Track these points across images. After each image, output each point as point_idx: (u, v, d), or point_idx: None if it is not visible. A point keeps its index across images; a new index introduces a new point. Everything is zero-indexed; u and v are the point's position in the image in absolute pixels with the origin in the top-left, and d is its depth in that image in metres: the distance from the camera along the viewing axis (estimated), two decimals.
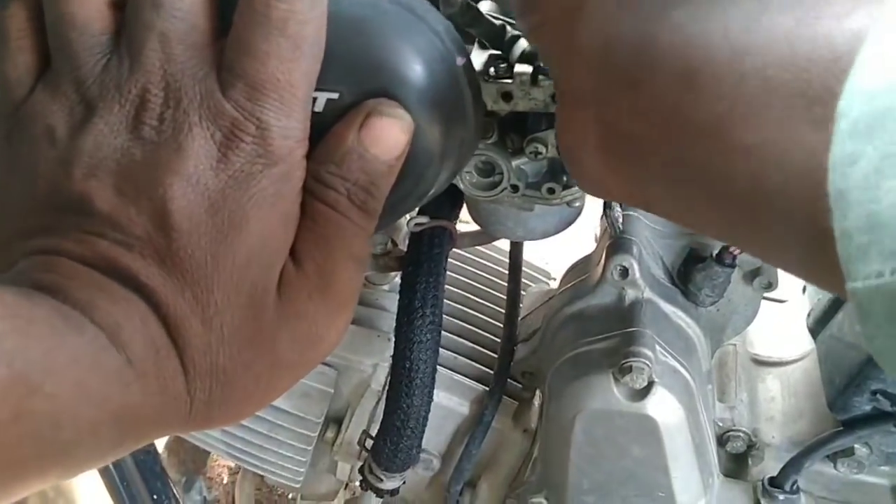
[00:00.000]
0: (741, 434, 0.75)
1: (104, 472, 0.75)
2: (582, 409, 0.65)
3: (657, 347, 0.64)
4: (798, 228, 0.29)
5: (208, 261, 0.31)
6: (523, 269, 0.93)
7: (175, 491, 0.81)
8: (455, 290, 0.86)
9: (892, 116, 0.26)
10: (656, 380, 0.63)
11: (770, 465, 0.75)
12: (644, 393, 0.63)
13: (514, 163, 0.64)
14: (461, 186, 0.66)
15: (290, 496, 1.04)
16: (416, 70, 0.41)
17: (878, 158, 0.26)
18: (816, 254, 0.28)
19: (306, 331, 0.34)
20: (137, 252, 0.31)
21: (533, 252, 0.91)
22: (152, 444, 0.76)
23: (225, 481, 0.98)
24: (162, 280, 0.31)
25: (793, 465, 0.71)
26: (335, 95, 0.38)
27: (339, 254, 0.35)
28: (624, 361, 0.63)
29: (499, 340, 0.81)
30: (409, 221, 0.73)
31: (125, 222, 0.31)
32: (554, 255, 0.85)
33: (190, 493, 0.95)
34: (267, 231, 0.33)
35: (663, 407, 0.63)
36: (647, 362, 0.62)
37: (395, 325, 0.70)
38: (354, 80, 0.39)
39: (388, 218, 0.45)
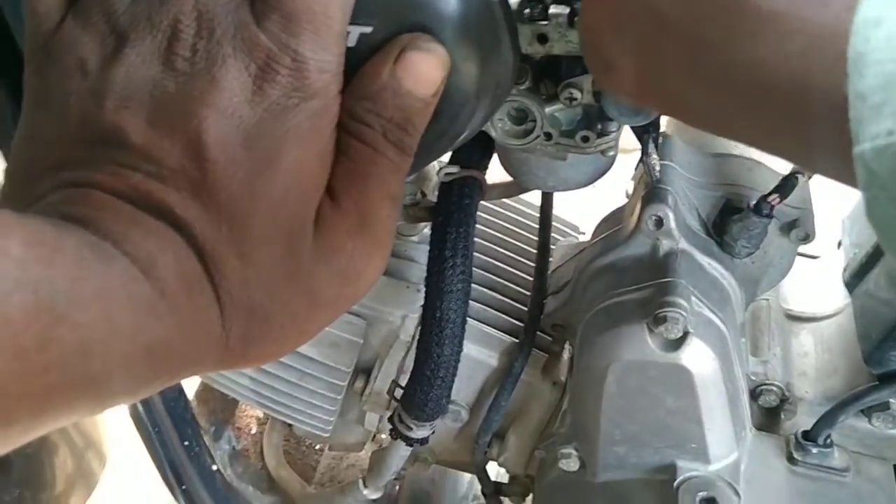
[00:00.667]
0: (774, 388, 0.75)
1: (136, 418, 0.76)
2: (615, 360, 0.64)
3: (692, 298, 0.64)
4: (813, 100, 0.29)
5: (244, 194, 0.31)
6: (553, 223, 0.92)
7: (206, 442, 0.81)
8: (485, 243, 0.85)
9: None
10: (691, 330, 0.62)
11: (803, 420, 0.74)
12: (678, 343, 0.62)
13: (548, 110, 0.63)
14: (493, 134, 0.65)
15: (317, 447, 1.05)
16: (451, 4, 0.40)
17: None
18: (828, 127, 0.28)
19: (344, 266, 0.34)
20: (172, 185, 0.30)
21: (563, 209, 0.90)
22: (182, 391, 0.77)
23: (253, 431, 0.99)
24: (197, 213, 0.30)
25: (826, 420, 0.70)
26: (368, 29, 0.37)
27: (376, 191, 0.34)
28: (658, 311, 0.62)
29: (529, 294, 0.81)
30: (439, 171, 0.72)
31: (159, 154, 0.30)
32: (583, 213, 0.84)
33: (219, 443, 0.95)
34: (303, 165, 0.32)
35: (698, 358, 0.62)
36: (682, 312, 0.61)
37: (425, 275, 0.70)
38: (389, 13, 0.38)
39: (421, 159, 0.44)
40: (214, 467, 0.80)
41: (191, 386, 0.95)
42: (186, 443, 0.78)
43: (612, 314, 0.66)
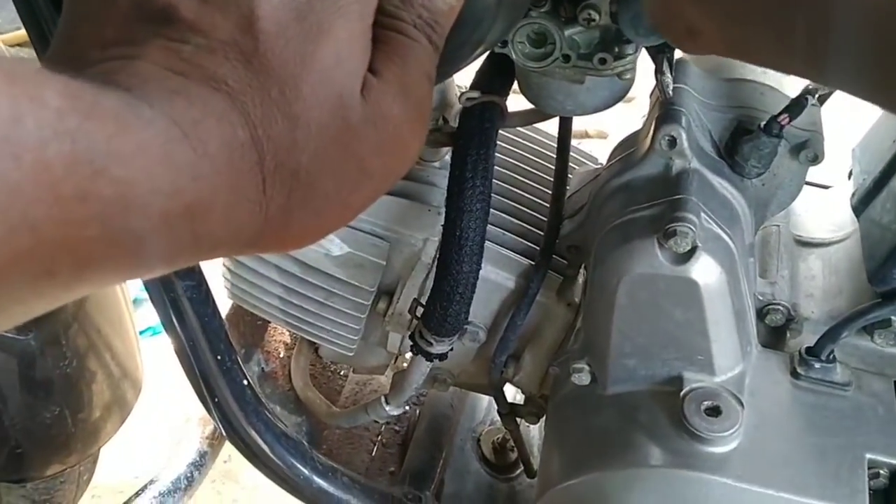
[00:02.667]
0: (780, 308, 0.78)
1: (171, 330, 0.80)
2: (626, 274, 0.67)
3: (702, 214, 0.66)
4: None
5: (296, 58, 0.32)
6: (571, 153, 0.95)
7: (239, 358, 0.85)
8: (504, 170, 0.88)
9: None
10: (699, 245, 0.65)
11: (808, 339, 0.77)
12: (687, 257, 0.65)
13: (567, 32, 0.66)
14: (513, 56, 0.68)
15: (341, 373, 1.09)
16: None
17: None
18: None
19: (391, 134, 0.35)
20: (221, 55, 0.31)
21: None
22: (216, 309, 0.81)
23: (281, 355, 1.03)
24: (247, 79, 0.31)
25: (830, 335, 0.73)
26: None
27: (414, 69, 0.37)
28: (668, 226, 0.65)
29: (545, 219, 0.84)
30: (460, 96, 0.75)
31: (210, 28, 0.31)
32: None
33: (248, 365, 1.00)
34: (352, 39, 0.34)
35: (705, 271, 0.66)
36: (692, 227, 0.64)
37: (445, 196, 0.73)
38: None
39: (445, 68, 0.47)
40: (245, 382, 0.84)
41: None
42: (219, 357, 0.82)
43: (625, 231, 0.69)
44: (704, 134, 0.72)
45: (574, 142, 0.86)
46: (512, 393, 1.02)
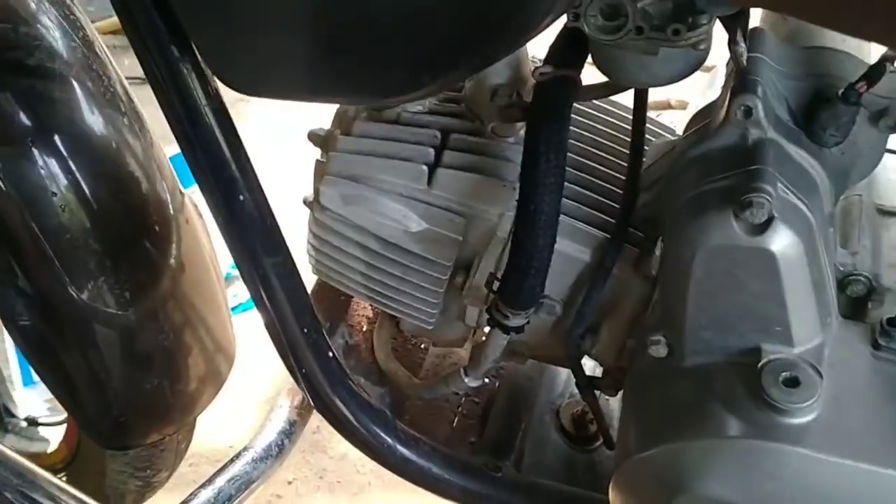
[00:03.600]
0: (862, 278, 0.76)
1: (259, 303, 0.83)
2: (702, 246, 0.67)
3: (778, 184, 0.66)
4: None
5: None
6: (649, 125, 0.95)
7: (323, 328, 0.89)
8: (579, 143, 0.89)
9: None
10: (776, 215, 0.65)
11: (890, 310, 0.76)
12: (763, 227, 0.65)
13: (640, 4, 0.66)
14: (585, 30, 0.69)
15: (422, 346, 1.12)
16: None
17: None
18: None
19: None
20: None
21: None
22: (302, 282, 0.84)
23: (364, 329, 1.06)
24: None
25: None
26: None
27: None
28: (744, 197, 0.65)
29: (621, 192, 0.84)
30: (534, 71, 0.76)
31: None
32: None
33: (333, 338, 1.04)
34: None
35: (782, 241, 0.65)
36: (768, 198, 0.64)
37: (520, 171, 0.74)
38: None
39: (515, 35, 0.49)
40: (331, 354, 0.88)
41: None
42: (305, 330, 0.85)
43: (700, 202, 0.69)
44: (781, 103, 0.71)
45: (654, 113, 0.86)
46: (591, 366, 1.03)
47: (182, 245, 1.00)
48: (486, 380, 1.16)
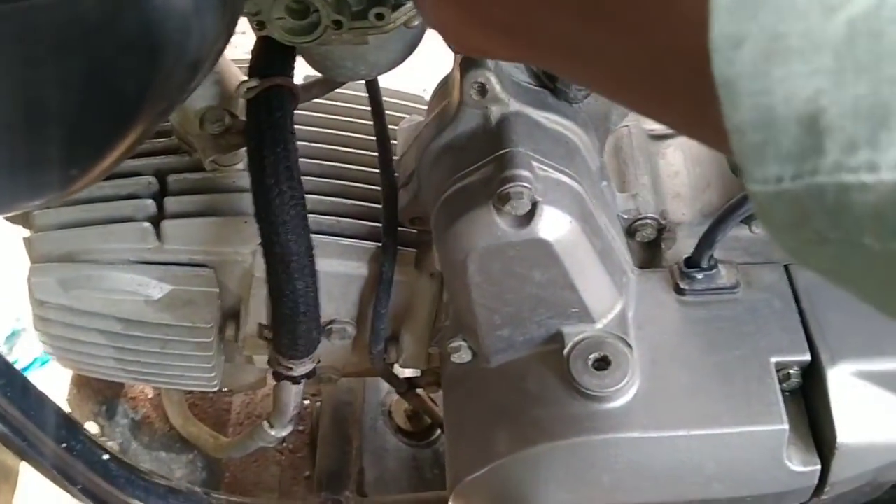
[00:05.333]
0: (649, 220, 0.71)
1: (2, 438, 0.70)
2: (471, 251, 0.59)
3: (534, 164, 0.58)
4: (686, 111, 0.27)
5: None
6: (395, 101, 0.85)
7: (88, 433, 0.76)
8: (320, 146, 0.78)
9: None
10: (539, 199, 0.57)
11: (685, 244, 0.71)
12: (529, 217, 0.57)
13: None
14: (276, 36, 0.57)
15: (225, 388, 1.00)
16: None
17: (765, 40, 0.23)
18: (711, 135, 0.26)
19: None
20: None
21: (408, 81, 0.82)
22: (43, 396, 0.71)
23: (150, 396, 0.93)
24: None
25: (706, 240, 0.67)
26: None
27: None
28: (501, 189, 0.57)
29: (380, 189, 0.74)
30: (238, 88, 0.64)
31: None
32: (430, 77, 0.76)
33: (115, 419, 0.90)
34: None
35: (553, 225, 0.58)
36: (526, 184, 0.56)
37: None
38: None
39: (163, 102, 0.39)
40: (106, 456, 0.75)
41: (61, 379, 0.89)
42: (65, 444, 0.72)
43: (458, 201, 0.60)
44: (518, 65, 0.63)
45: None
46: None
47: None
48: (306, 401, 1.06)
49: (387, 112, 0.74)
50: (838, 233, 0.23)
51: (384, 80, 0.71)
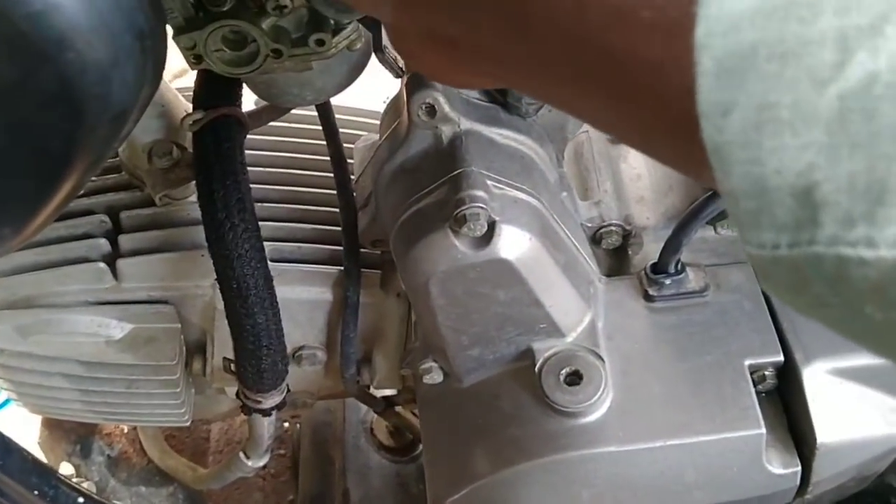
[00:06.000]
0: (613, 227, 0.70)
1: None
2: (431, 275, 0.58)
3: (489, 183, 0.57)
4: (685, 168, 0.28)
5: None
6: (350, 118, 0.84)
7: (60, 476, 0.74)
8: (275, 170, 0.76)
9: (763, 54, 0.22)
10: (497, 218, 0.56)
11: (652, 249, 0.70)
12: (488, 237, 0.56)
13: (265, 24, 0.54)
14: (215, 69, 0.56)
15: (199, 419, 0.99)
16: None
17: (753, 110, 0.22)
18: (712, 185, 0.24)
19: None
20: None
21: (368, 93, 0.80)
22: (10, 444, 0.69)
23: (126, 431, 0.92)
24: None
25: (671, 245, 0.66)
26: None
27: None
28: (457, 211, 0.55)
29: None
30: (183, 121, 0.63)
31: None
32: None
33: (91, 457, 0.88)
34: None
35: (512, 244, 0.57)
36: (482, 205, 0.55)
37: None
38: None
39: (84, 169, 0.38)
40: (81, 499, 0.73)
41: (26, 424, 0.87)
42: (36, 492, 0.70)
43: (415, 225, 0.59)
44: None
45: None
46: None
47: None
48: (286, 423, 1.05)
49: (343, 130, 0.73)
50: (839, 299, 0.23)
51: (342, 96, 0.69)
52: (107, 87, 0.38)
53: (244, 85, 0.64)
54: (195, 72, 0.64)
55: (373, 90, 0.81)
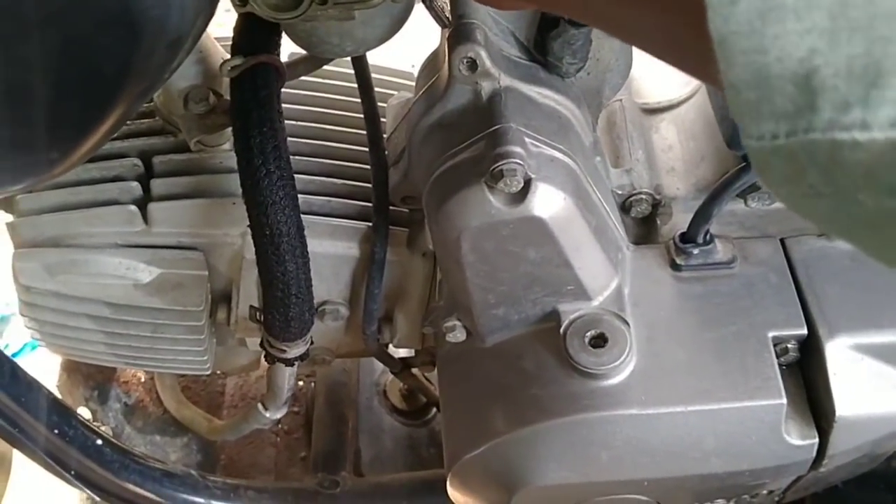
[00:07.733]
0: (643, 196, 0.70)
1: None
2: (464, 230, 0.58)
3: (527, 140, 0.57)
4: (695, 67, 0.29)
5: None
6: (383, 77, 0.84)
7: (80, 417, 0.75)
8: (309, 125, 0.76)
9: None
10: (532, 176, 0.56)
11: (681, 219, 0.70)
12: (523, 194, 0.56)
13: None
14: (258, 12, 0.56)
15: (218, 371, 0.99)
16: None
17: None
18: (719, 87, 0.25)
19: None
20: None
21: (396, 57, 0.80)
22: (33, 381, 0.70)
23: (143, 380, 0.92)
24: None
25: (701, 215, 0.66)
26: None
27: None
28: (493, 167, 0.55)
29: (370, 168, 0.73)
30: (222, 66, 0.63)
31: None
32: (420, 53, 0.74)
33: (108, 404, 0.89)
34: None
35: (547, 202, 0.57)
36: (518, 161, 0.55)
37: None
38: None
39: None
40: (99, 441, 0.74)
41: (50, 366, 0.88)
42: (57, 430, 0.71)
43: (450, 180, 0.59)
44: (508, 39, 0.61)
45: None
46: None
47: None
48: (301, 382, 1.06)
49: (375, 89, 0.73)
50: (832, 188, 0.24)
51: (371, 57, 0.69)
52: (165, 10, 0.39)
53: (283, 34, 0.64)
54: (230, 24, 0.64)
55: (401, 55, 0.81)
